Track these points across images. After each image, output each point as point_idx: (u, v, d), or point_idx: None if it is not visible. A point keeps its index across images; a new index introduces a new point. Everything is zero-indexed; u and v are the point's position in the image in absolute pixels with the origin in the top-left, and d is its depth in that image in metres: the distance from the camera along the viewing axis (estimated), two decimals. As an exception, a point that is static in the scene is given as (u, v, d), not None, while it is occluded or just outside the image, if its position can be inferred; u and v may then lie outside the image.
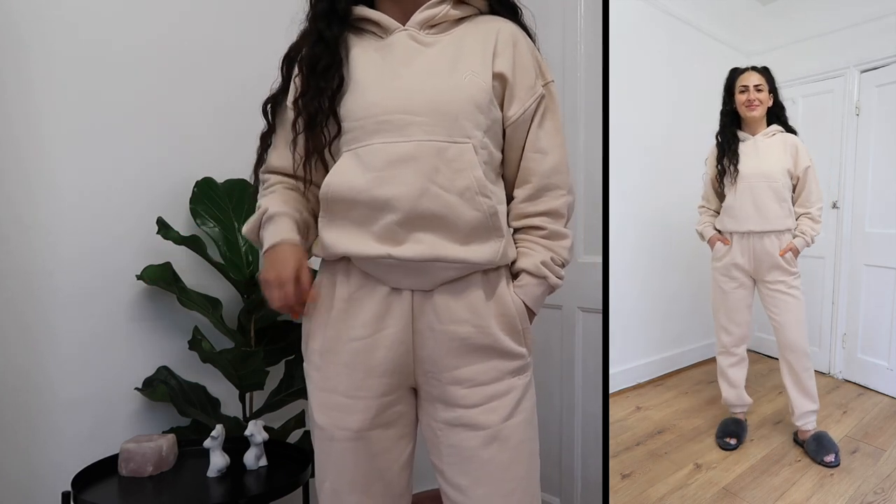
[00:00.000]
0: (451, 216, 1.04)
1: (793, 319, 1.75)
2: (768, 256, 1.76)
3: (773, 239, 1.76)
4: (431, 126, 1.04)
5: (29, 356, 1.70)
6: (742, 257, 1.81)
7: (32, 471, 1.70)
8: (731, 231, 1.83)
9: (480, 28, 1.14)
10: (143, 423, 1.84)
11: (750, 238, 1.79)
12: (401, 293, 1.08)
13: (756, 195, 1.76)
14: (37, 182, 1.71)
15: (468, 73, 1.08)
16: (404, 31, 1.12)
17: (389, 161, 1.04)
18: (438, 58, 1.10)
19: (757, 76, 1.78)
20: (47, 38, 1.72)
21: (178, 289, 1.78)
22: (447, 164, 1.04)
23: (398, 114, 1.05)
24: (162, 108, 1.88)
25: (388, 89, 1.08)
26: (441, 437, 1.11)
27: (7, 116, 1.68)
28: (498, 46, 1.12)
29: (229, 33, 2.00)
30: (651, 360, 1.90)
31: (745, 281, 1.83)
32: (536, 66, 1.15)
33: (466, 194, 1.04)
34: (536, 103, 1.14)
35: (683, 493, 1.58)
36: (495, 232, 1.08)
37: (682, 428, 1.77)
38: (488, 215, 1.06)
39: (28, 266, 1.70)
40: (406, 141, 1.04)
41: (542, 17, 1.21)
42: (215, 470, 1.59)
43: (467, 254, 1.05)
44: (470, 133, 1.06)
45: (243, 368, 1.76)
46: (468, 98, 1.06)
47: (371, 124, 1.06)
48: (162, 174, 1.88)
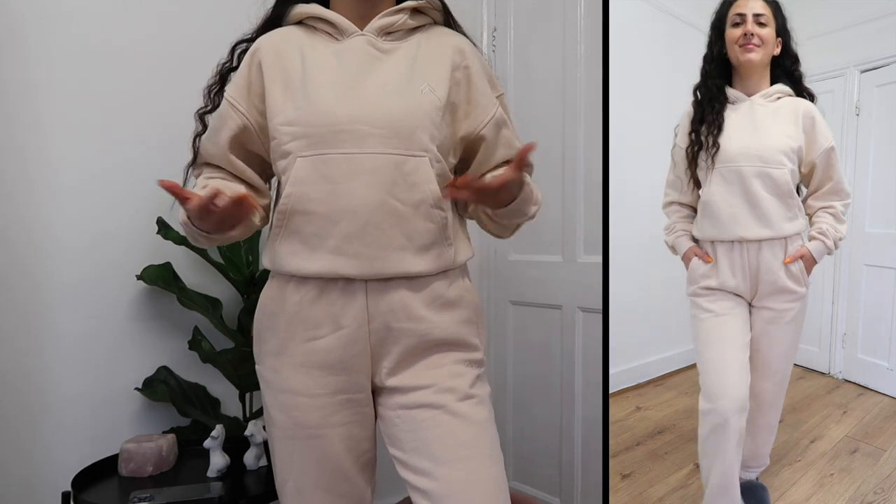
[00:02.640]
0: (407, 229, 1.05)
1: (781, 359, 1.32)
2: (770, 275, 1.28)
3: (776, 251, 1.27)
4: (389, 139, 1.04)
5: (29, 356, 1.70)
6: (733, 277, 1.32)
7: (33, 471, 1.70)
8: (712, 240, 1.34)
9: (434, 40, 1.15)
10: (143, 423, 1.84)
11: (742, 249, 1.30)
12: (354, 294, 1.07)
13: (747, 186, 1.25)
14: (37, 182, 1.71)
15: (425, 87, 1.08)
16: (362, 37, 1.11)
17: (348, 173, 1.03)
18: (395, 68, 1.10)
19: (760, 3, 1.30)
20: (48, 35, 1.72)
21: (178, 289, 1.78)
22: (404, 177, 1.04)
23: (357, 125, 1.04)
24: (162, 108, 1.88)
25: (345, 98, 1.06)
26: (399, 423, 1.09)
27: (7, 116, 1.68)
28: (454, 61, 1.13)
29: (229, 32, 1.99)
30: (651, 360, 1.90)
31: (739, 311, 1.32)
32: (490, 81, 1.17)
33: (422, 207, 1.05)
34: (492, 116, 1.15)
35: (683, 493, 1.58)
36: (445, 241, 1.09)
37: (682, 428, 1.77)
38: (441, 227, 1.08)
39: (28, 266, 1.70)
40: (365, 153, 1.04)
41: (542, 17, 1.22)
42: (215, 470, 1.59)
43: (423, 265, 1.07)
44: (426, 146, 1.06)
45: (243, 368, 1.76)
46: (424, 112, 1.07)
47: (328, 133, 1.05)
48: (162, 174, 1.88)
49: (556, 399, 2.18)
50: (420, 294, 1.09)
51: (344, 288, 1.07)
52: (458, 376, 1.09)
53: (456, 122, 1.14)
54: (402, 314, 1.08)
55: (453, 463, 1.04)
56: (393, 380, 1.10)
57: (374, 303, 1.07)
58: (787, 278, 1.26)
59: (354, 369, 1.10)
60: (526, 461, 2.31)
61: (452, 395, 1.07)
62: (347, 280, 1.06)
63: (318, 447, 1.10)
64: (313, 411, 1.09)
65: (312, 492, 1.12)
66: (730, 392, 1.25)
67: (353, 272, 1.04)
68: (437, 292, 1.10)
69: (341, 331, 1.08)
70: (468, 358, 1.12)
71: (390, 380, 1.10)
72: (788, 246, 1.28)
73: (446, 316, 1.11)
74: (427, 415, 1.07)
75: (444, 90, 1.10)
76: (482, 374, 1.15)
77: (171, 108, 1.90)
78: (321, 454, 1.10)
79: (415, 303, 1.08)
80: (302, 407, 1.10)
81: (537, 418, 2.26)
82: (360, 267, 1.04)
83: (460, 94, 1.13)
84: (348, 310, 1.07)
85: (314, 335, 1.08)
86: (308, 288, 1.08)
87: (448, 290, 1.11)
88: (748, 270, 1.30)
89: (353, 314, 1.07)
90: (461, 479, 1.03)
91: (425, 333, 1.09)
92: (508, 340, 2.36)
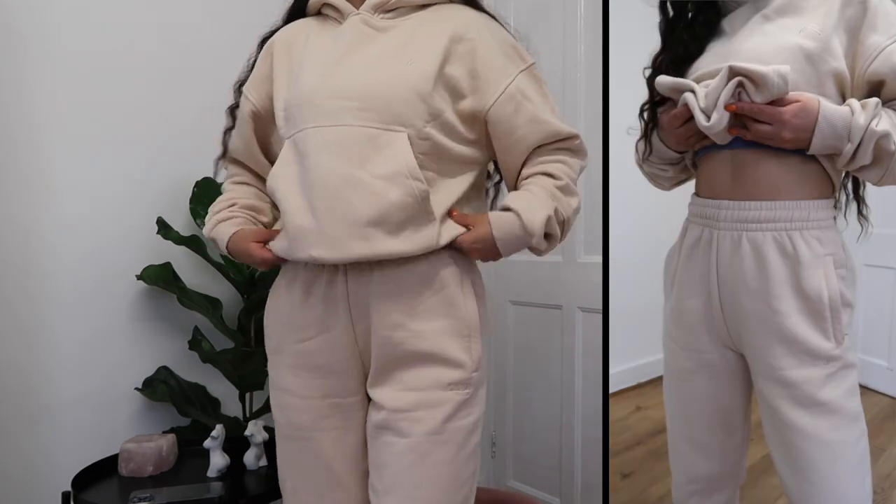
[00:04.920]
0: (379, 203, 0.97)
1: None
2: (751, 305, 1.00)
3: (753, 247, 1.00)
4: (363, 111, 0.99)
5: (29, 356, 1.70)
6: (708, 302, 1.06)
7: (32, 471, 1.70)
8: (699, 218, 1.10)
9: (441, 15, 1.08)
10: (143, 423, 1.84)
11: (705, 238, 1.07)
12: (336, 292, 1.04)
13: None
14: (36, 183, 1.71)
15: (411, 60, 1.02)
16: (357, 16, 1.08)
17: (317, 147, 0.99)
18: (386, 43, 1.05)
19: None
20: (45, 39, 1.72)
21: (178, 289, 1.78)
22: (377, 150, 0.98)
23: (332, 99, 1.01)
24: (162, 108, 1.88)
25: (325, 75, 1.03)
26: (370, 440, 1.06)
27: (6, 117, 1.68)
28: (455, 33, 1.05)
29: (230, 32, 1.99)
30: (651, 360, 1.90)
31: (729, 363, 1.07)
32: (508, 54, 1.08)
33: (397, 179, 0.97)
34: (505, 89, 1.06)
35: (683, 493, 1.58)
36: (427, 216, 1.00)
37: (682, 428, 1.77)
38: (419, 200, 0.98)
39: (28, 266, 1.70)
40: (336, 125, 0.99)
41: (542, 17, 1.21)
42: (215, 470, 1.59)
43: (398, 245, 0.98)
44: (406, 121, 1.00)
45: (243, 368, 1.76)
46: (409, 85, 1.00)
47: (304, 110, 1.02)
48: (162, 174, 1.88)
49: (556, 399, 2.18)
50: (398, 295, 1.02)
51: (327, 290, 1.04)
52: (433, 406, 1.01)
53: (457, 97, 1.05)
54: (378, 318, 1.02)
55: (396, 499, 1.00)
56: (372, 391, 1.06)
57: (355, 302, 1.03)
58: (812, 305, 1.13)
59: (344, 373, 1.07)
60: (526, 461, 2.31)
61: (421, 426, 1.00)
62: (331, 276, 1.04)
63: (310, 449, 1.09)
64: (304, 412, 1.08)
65: (306, 493, 1.10)
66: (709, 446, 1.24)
67: (324, 254, 0.98)
68: (418, 294, 1.02)
69: (327, 333, 1.06)
70: (451, 379, 1.02)
71: (371, 390, 1.07)
72: (809, 238, 1.11)
73: (427, 323, 1.02)
74: (390, 439, 1.02)
75: (435, 61, 1.02)
76: (470, 397, 1.04)
77: (170, 108, 1.90)
78: (313, 457, 1.09)
79: (391, 305, 1.02)
80: (294, 407, 1.09)
81: (537, 418, 2.26)
82: (328, 247, 0.97)
83: (460, 67, 1.05)
84: (333, 309, 1.05)
85: (303, 336, 1.07)
86: (296, 286, 1.07)
87: (433, 292, 1.03)
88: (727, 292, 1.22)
89: (337, 315, 1.05)
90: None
91: (400, 343, 1.02)
92: (508, 340, 2.36)
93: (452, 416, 1.01)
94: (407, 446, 1.00)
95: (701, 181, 1.17)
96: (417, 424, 1.00)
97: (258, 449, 1.65)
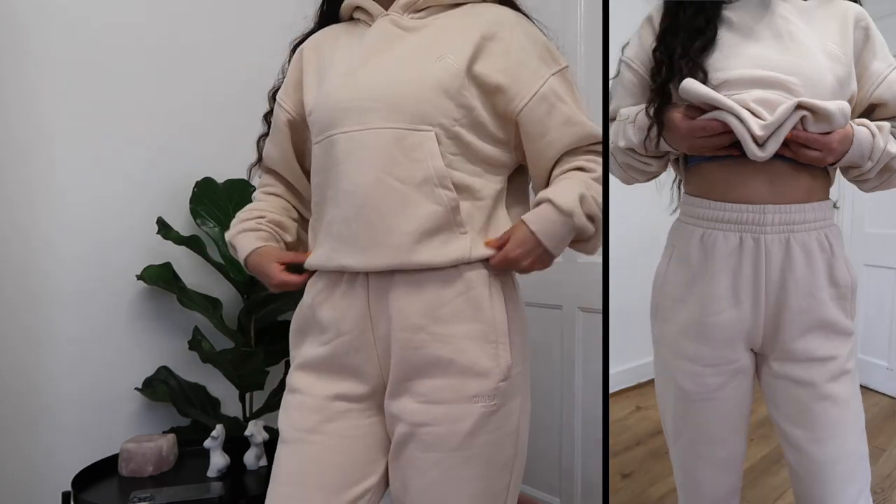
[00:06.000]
0: (408, 212, 0.94)
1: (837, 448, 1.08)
2: (797, 301, 1.05)
3: (802, 247, 1.05)
4: (389, 112, 0.96)
5: (29, 356, 1.70)
6: (754, 307, 1.07)
7: (32, 471, 1.70)
8: (733, 224, 1.08)
9: (474, 12, 1.05)
10: (143, 423, 1.84)
11: (748, 244, 1.07)
12: (356, 296, 1.00)
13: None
14: (37, 182, 1.71)
15: (440, 56, 0.99)
16: (386, 17, 1.06)
17: (347, 152, 0.97)
18: (414, 42, 1.02)
19: None
20: (48, 39, 1.72)
21: (178, 289, 1.78)
22: (405, 153, 0.95)
23: (358, 101, 0.98)
24: (162, 108, 1.88)
25: (351, 76, 1.01)
26: (392, 454, 1.01)
27: (7, 117, 1.68)
28: (487, 31, 1.02)
29: (230, 33, 2.00)
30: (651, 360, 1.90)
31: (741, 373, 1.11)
32: (541, 55, 1.05)
33: (425, 187, 0.95)
34: (537, 91, 1.03)
35: (683, 493, 1.58)
36: (457, 227, 0.97)
37: (682, 428, 1.77)
38: (449, 210, 0.96)
39: (28, 266, 1.70)
40: (365, 129, 0.97)
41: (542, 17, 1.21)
42: (215, 470, 1.59)
43: (425, 255, 0.95)
44: (434, 120, 0.97)
45: (243, 368, 1.76)
46: (435, 83, 0.97)
47: (332, 114, 1.01)
48: (162, 174, 1.88)
49: (556, 399, 2.18)
50: (419, 295, 0.97)
51: (346, 291, 1.01)
52: (456, 421, 0.95)
53: (488, 96, 1.02)
54: (398, 320, 0.97)
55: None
56: (392, 404, 1.00)
57: (375, 305, 0.99)
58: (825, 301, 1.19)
59: (358, 377, 1.02)
60: (526, 461, 2.31)
61: (444, 442, 0.96)
62: (351, 278, 1.00)
63: (304, 452, 1.01)
64: (311, 413, 1.02)
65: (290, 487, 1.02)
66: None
67: (351, 262, 0.96)
68: (441, 295, 0.97)
69: (342, 337, 1.01)
70: (475, 391, 0.96)
71: (390, 403, 1.00)
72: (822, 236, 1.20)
73: (450, 327, 0.96)
74: (414, 454, 0.97)
75: (464, 58, 0.99)
76: (497, 409, 0.98)
77: (170, 108, 1.90)
78: (306, 460, 1.01)
79: (412, 306, 0.96)
80: (301, 406, 1.04)
81: (537, 418, 2.25)
82: (358, 256, 0.96)
83: (492, 64, 1.01)
84: (349, 313, 1.00)
85: (319, 340, 1.04)
86: (318, 289, 1.05)
87: (458, 293, 0.97)
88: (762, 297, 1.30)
89: (354, 319, 1.00)
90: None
91: (420, 346, 0.96)
92: (508, 340, 2.36)
93: (478, 430, 0.96)
94: (431, 462, 0.96)
95: (717, 186, 1.12)
96: (440, 440, 0.96)
97: (258, 449, 1.65)
